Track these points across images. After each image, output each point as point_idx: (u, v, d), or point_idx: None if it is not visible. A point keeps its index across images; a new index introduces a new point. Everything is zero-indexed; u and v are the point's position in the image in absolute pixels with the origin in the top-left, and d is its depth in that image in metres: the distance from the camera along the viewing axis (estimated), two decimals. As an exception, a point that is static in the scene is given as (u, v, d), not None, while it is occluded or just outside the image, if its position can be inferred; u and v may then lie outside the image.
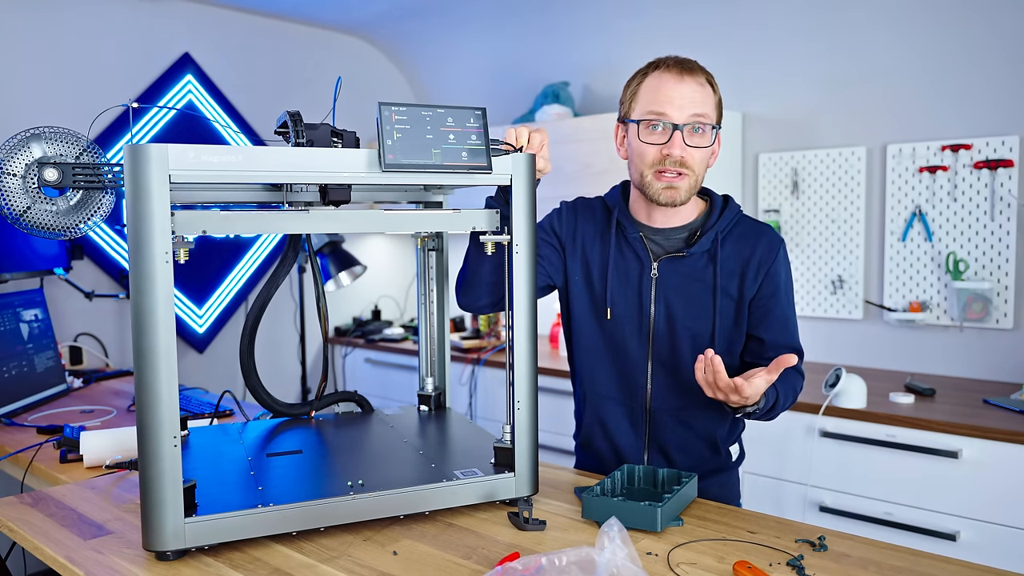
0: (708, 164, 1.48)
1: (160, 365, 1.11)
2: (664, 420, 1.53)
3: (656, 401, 1.53)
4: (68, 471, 1.73)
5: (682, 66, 1.44)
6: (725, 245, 1.50)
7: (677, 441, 1.54)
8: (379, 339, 3.86)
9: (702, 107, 1.42)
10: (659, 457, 1.56)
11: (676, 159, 1.42)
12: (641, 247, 1.52)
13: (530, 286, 1.34)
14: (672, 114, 1.42)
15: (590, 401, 1.60)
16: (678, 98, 1.42)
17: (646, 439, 1.56)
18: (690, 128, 1.42)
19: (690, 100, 1.42)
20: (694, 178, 1.45)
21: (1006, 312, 2.65)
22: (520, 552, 1.18)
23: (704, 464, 1.55)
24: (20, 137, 1.30)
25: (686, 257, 1.50)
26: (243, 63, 3.65)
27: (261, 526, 1.19)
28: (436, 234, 1.77)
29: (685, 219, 1.53)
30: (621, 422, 1.57)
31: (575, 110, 3.52)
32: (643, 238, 1.53)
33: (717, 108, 1.47)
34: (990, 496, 2.16)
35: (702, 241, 1.49)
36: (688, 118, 1.42)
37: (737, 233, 1.51)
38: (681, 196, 1.45)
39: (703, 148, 1.44)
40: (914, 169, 2.80)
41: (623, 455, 1.57)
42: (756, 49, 3.11)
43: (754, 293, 1.49)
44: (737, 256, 1.49)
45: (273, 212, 1.24)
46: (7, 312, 2.41)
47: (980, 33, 2.64)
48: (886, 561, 1.15)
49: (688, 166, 1.43)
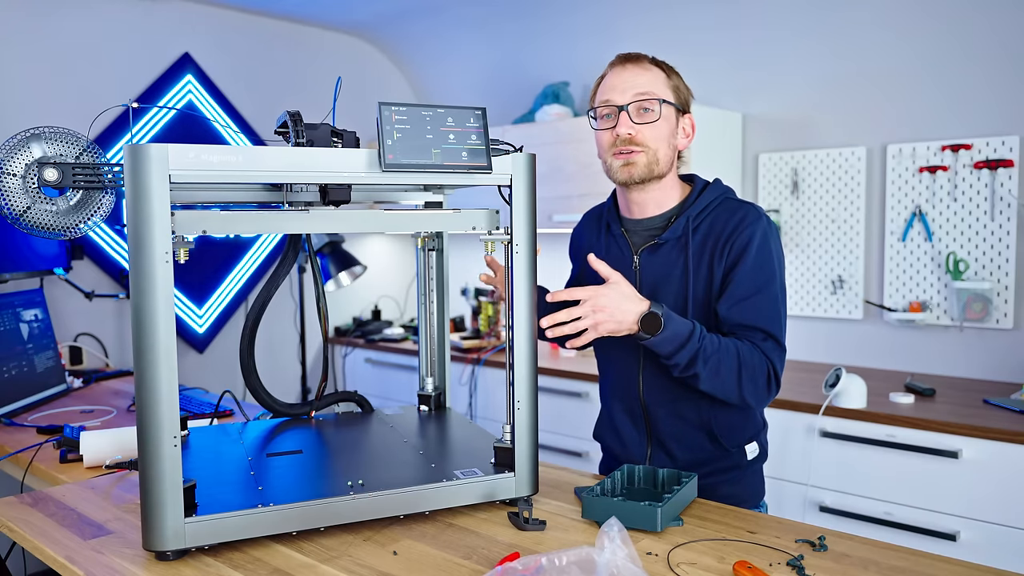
0: (674, 142, 1.51)
1: (160, 365, 1.11)
2: (659, 413, 1.55)
3: (649, 395, 1.55)
4: (68, 471, 1.73)
5: (624, 57, 1.53)
6: (700, 228, 1.50)
7: (674, 433, 1.54)
8: (379, 339, 3.86)
9: (645, 87, 1.48)
10: (660, 452, 1.56)
11: (624, 137, 1.47)
12: (624, 241, 1.58)
13: (530, 286, 1.34)
14: (615, 98, 1.49)
15: (602, 397, 1.70)
16: (620, 83, 1.49)
17: (647, 434, 1.58)
18: (636, 107, 1.48)
19: (631, 83, 1.48)
20: (651, 154, 1.48)
21: (1006, 312, 2.65)
22: (520, 552, 1.18)
23: (709, 458, 1.54)
24: (20, 137, 1.30)
25: (662, 245, 1.52)
26: (243, 63, 3.65)
27: (261, 526, 1.19)
28: (436, 234, 1.77)
29: (663, 207, 1.55)
30: (625, 418, 1.61)
31: (575, 110, 3.52)
32: (625, 232, 1.58)
33: (672, 89, 1.51)
34: (990, 496, 2.16)
35: (674, 226, 1.51)
36: (631, 97, 1.47)
37: (716, 214, 1.50)
38: (638, 171, 1.48)
39: (652, 124, 1.47)
40: (914, 169, 2.80)
41: (630, 451, 1.60)
42: (756, 49, 3.11)
43: (722, 269, 1.46)
44: (710, 235, 1.49)
45: (273, 212, 1.25)
46: (7, 312, 2.41)
47: (980, 33, 2.64)
48: (886, 561, 1.15)
49: (639, 143, 1.47)
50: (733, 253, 1.45)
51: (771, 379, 1.44)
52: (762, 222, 1.47)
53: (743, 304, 1.44)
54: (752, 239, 1.45)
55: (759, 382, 1.42)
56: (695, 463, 1.54)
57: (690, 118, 1.55)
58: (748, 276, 1.44)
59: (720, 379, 1.40)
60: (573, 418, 3.04)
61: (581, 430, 3.02)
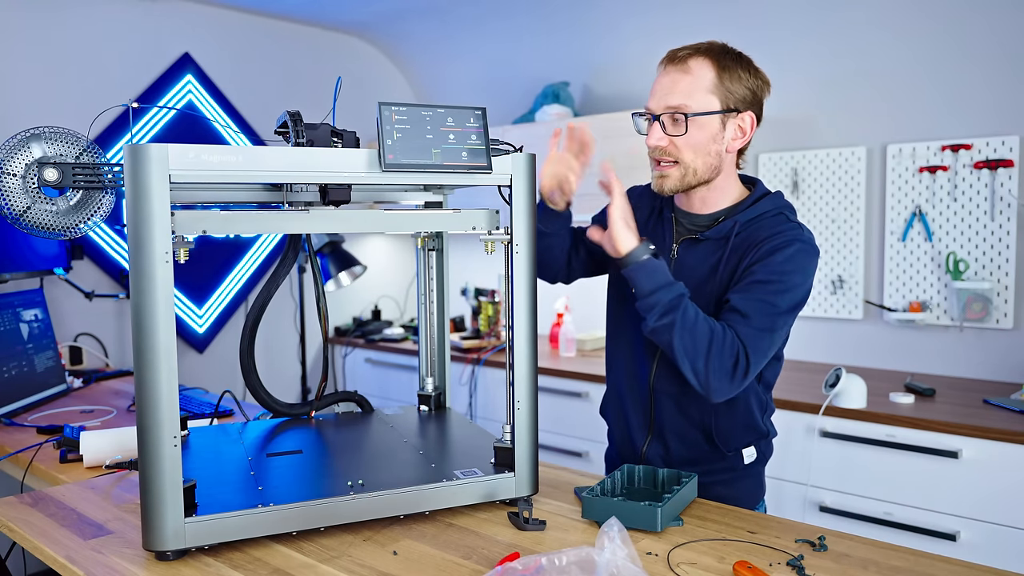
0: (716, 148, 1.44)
1: (160, 365, 1.11)
2: (665, 403, 1.54)
3: (660, 382, 1.54)
4: (68, 471, 1.73)
5: (672, 56, 1.46)
6: (744, 234, 1.47)
7: (674, 427, 1.54)
8: (379, 339, 3.86)
9: (678, 98, 1.42)
10: (658, 443, 1.56)
11: (654, 148, 1.46)
12: (670, 227, 1.56)
13: (530, 286, 1.34)
14: (651, 105, 1.46)
15: (612, 372, 1.66)
16: (659, 90, 1.46)
17: (649, 421, 1.56)
18: (668, 117, 1.44)
19: (668, 91, 1.44)
20: (686, 166, 1.45)
21: (1006, 312, 2.65)
22: (520, 552, 1.18)
23: (703, 457, 1.54)
24: (20, 137, 1.30)
25: (702, 241, 1.50)
26: (243, 63, 3.65)
27: (261, 526, 1.19)
28: (436, 234, 1.77)
29: (714, 206, 1.52)
30: (631, 397, 1.59)
31: (575, 110, 3.52)
32: (675, 219, 1.56)
33: (718, 91, 1.42)
34: (990, 496, 2.16)
35: (720, 226, 1.48)
36: (663, 109, 1.44)
37: (764, 225, 1.46)
38: (670, 184, 1.47)
39: (682, 137, 1.43)
40: (914, 169, 2.80)
41: (630, 433, 1.59)
42: (756, 49, 3.08)
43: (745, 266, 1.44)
44: (748, 242, 1.45)
45: (273, 212, 1.24)
46: (7, 312, 2.41)
47: (980, 33, 2.64)
48: (886, 561, 1.15)
49: (672, 154, 1.45)
50: (760, 253, 1.41)
51: (739, 364, 1.35)
52: (803, 239, 1.41)
53: (742, 291, 1.39)
54: (784, 246, 1.39)
55: (726, 361, 1.35)
56: (689, 460, 1.53)
57: (750, 115, 1.45)
58: (761, 269, 1.39)
59: (693, 339, 1.34)
60: (573, 418, 3.04)
61: (581, 430, 3.02)
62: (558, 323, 3.48)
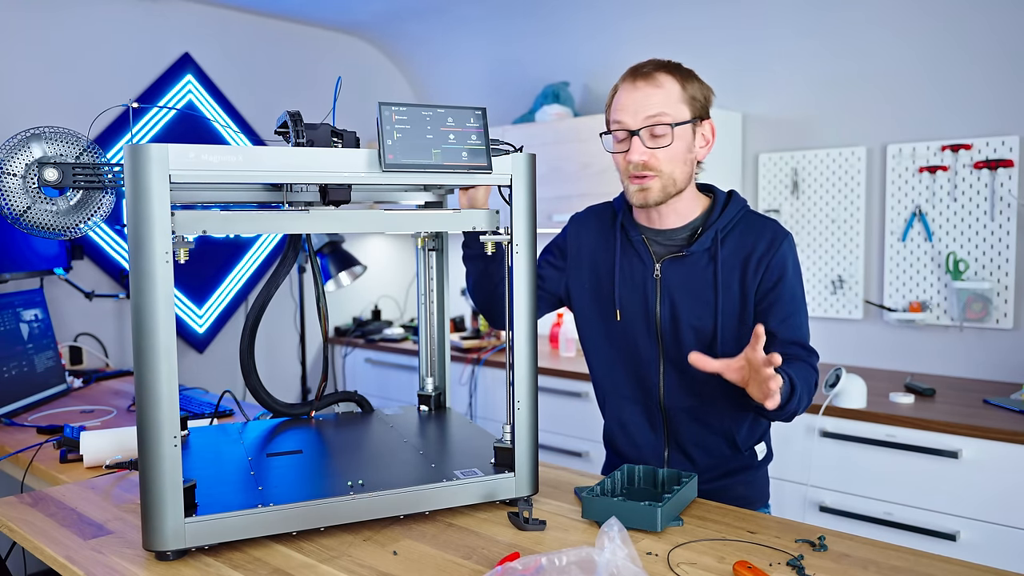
0: (691, 157, 1.48)
1: (160, 365, 1.11)
2: (680, 417, 1.54)
3: (670, 399, 1.54)
4: (68, 471, 1.73)
5: (636, 72, 1.47)
6: (727, 242, 1.50)
7: (695, 438, 1.54)
8: (379, 339, 3.86)
9: (657, 108, 1.43)
10: (679, 455, 1.56)
11: (637, 164, 1.44)
12: (644, 249, 1.55)
13: (530, 286, 1.34)
14: (627, 121, 1.45)
15: (610, 402, 1.64)
16: (631, 104, 1.44)
17: (665, 437, 1.56)
18: (648, 131, 1.43)
19: (643, 104, 1.43)
20: (666, 178, 1.45)
21: (1006, 312, 2.65)
22: (520, 552, 1.18)
23: (727, 462, 1.55)
24: (20, 137, 1.30)
25: (687, 256, 1.50)
26: (243, 63, 3.65)
27: (261, 526, 1.19)
28: (436, 234, 1.77)
29: (686, 218, 1.53)
30: (640, 421, 1.58)
31: (575, 110, 3.52)
32: (645, 240, 1.55)
33: (687, 102, 1.45)
34: (990, 496, 2.16)
35: (702, 239, 1.50)
36: (643, 121, 1.43)
37: (741, 229, 1.51)
38: (653, 196, 1.47)
39: (666, 148, 1.44)
40: (914, 169, 2.80)
41: (644, 453, 1.58)
42: (756, 49, 3.11)
43: (756, 286, 1.48)
44: (739, 251, 1.49)
45: (273, 212, 1.24)
46: (7, 312, 2.41)
47: (980, 33, 2.64)
48: (886, 561, 1.15)
49: (653, 168, 1.44)
50: (771, 273, 1.47)
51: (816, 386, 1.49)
52: (789, 239, 1.51)
53: (789, 322, 1.47)
54: (787, 259, 1.49)
55: (814, 392, 1.48)
56: (713, 466, 1.55)
57: (710, 124, 1.51)
58: (789, 294, 1.48)
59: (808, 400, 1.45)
60: (573, 418, 3.04)
61: (581, 430, 3.02)
62: (558, 323, 3.49)
